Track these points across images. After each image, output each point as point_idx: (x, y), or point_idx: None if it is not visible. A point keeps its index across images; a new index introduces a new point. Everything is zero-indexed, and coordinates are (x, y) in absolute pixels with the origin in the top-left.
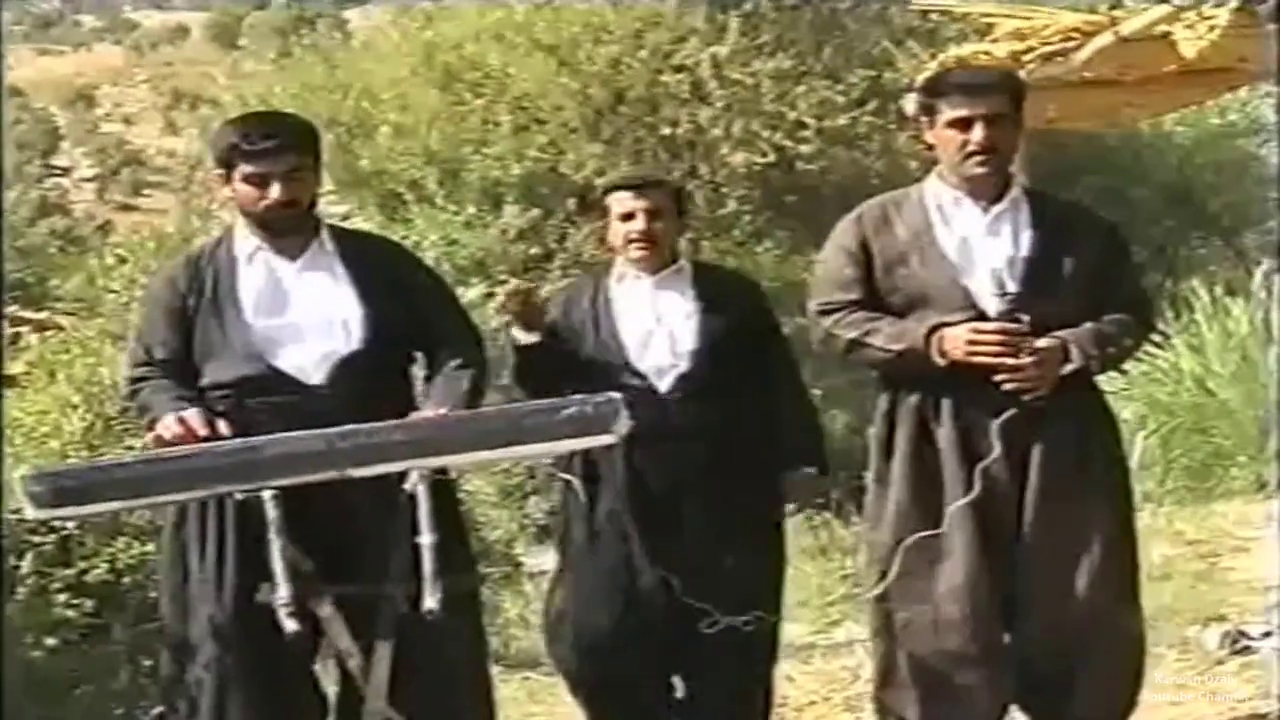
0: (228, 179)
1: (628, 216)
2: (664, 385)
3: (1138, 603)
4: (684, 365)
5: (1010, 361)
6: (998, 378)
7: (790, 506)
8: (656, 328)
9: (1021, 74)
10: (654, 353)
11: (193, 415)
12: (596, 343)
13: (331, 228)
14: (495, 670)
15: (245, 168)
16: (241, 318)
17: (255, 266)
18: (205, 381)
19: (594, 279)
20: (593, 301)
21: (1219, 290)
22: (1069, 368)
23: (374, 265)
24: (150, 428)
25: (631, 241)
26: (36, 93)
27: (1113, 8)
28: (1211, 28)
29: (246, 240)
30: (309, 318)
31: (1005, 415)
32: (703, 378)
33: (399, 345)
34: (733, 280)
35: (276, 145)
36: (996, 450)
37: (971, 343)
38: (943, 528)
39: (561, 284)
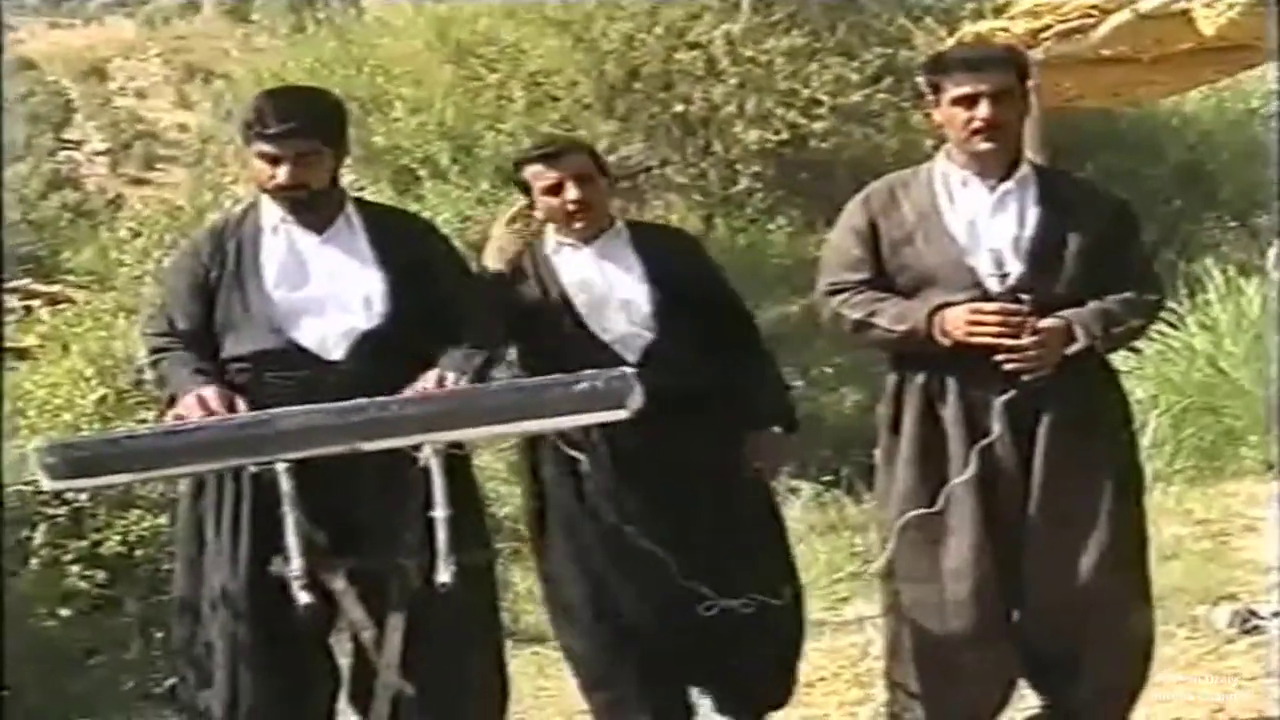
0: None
1: (554, 189)
2: (632, 356)
3: (1146, 580)
4: (648, 334)
5: (1009, 342)
6: (998, 358)
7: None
8: (609, 296)
9: (1038, 52)
10: (612, 323)
11: (212, 395)
12: (549, 313)
13: (358, 202)
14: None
15: (258, 146)
16: (263, 290)
17: (279, 239)
18: (225, 354)
19: (530, 252)
20: (538, 276)
21: (1232, 270)
22: (1073, 348)
23: (398, 241)
24: (170, 402)
25: (572, 214)
26: (49, 66)
27: None
28: (1231, 5)
29: (271, 212)
30: (330, 292)
31: (1006, 395)
32: (669, 343)
33: (420, 323)
34: (671, 236)
35: (289, 129)
36: (997, 430)
37: (971, 323)
38: (939, 506)
39: None
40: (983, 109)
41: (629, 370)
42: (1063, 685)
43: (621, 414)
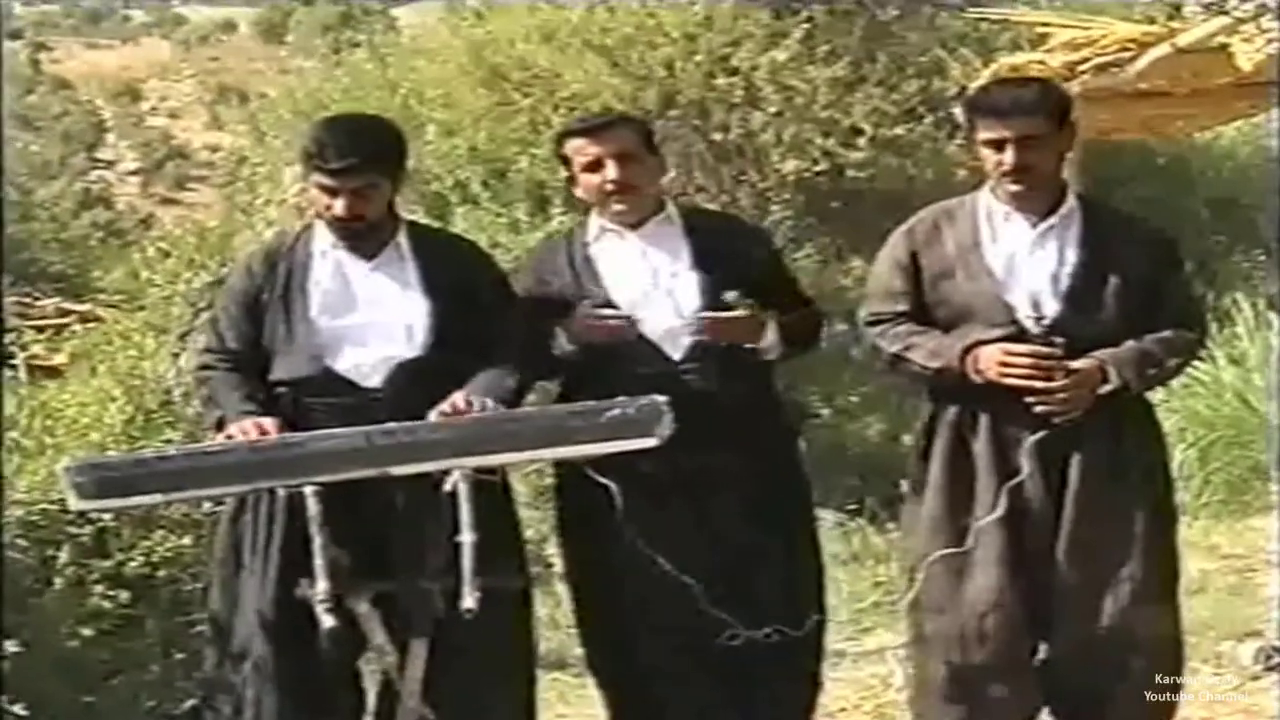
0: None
1: (594, 166)
2: (678, 354)
3: (1176, 617)
4: (694, 328)
5: (1040, 385)
6: (1028, 400)
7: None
8: (653, 288)
9: (1075, 85)
10: (656, 316)
11: (271, 425)
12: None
13: (411, 226)
14: None
15: (317, 177)
16: (308, 315)
17: (327, 264)
18: (271, 377)
19: (565, 240)
20: (571, 264)
21: (1262, 304)
22: (1106, 389)
23: (447, 269)
24: (218, 426)
25: (609, 194)
26: (84, 86)
27: (1170, 18)
28: (1270, 40)
29: (323, 237)
30: (373, 320)
31: (1036, 436)
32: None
33: (460, 351)
34: (732, 224)
35: (349, 164)
36: (1026, 470)
37: (1003, 364)
38: (968, 544)
39: None
40: (1009, 155)
41: (659, 399)
42: (1088, 718)
43: (651, 442)
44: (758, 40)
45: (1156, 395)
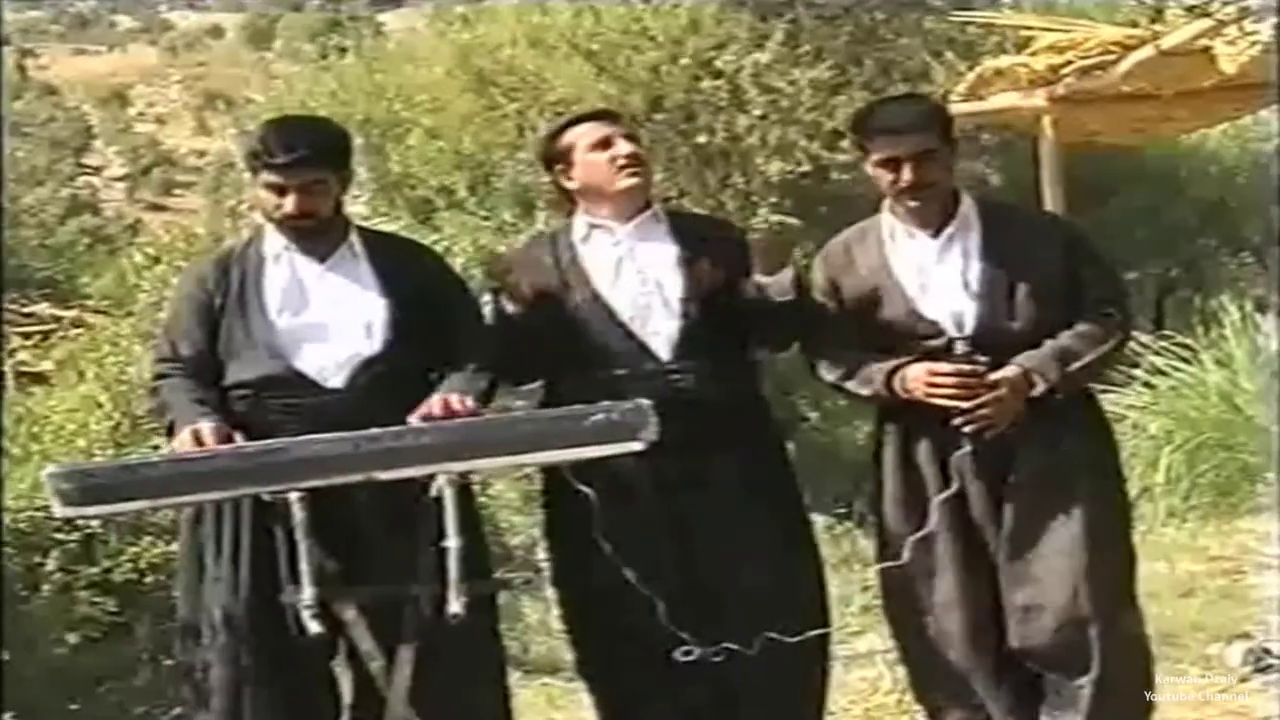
0: (255, 180)
1: (603, 144)
2: (665, 352)
3: (1136, 615)
4: (681, 324)
5: (964, 405)
6: (955, 421)
7: (818, 519)
8: (641, 287)
9: (1059, 88)
10: (644, 316)
11: (208, 432)
12: (577, 311)
13: (361, 230)
14: (515, 675)
15: (265, 175)
16: (265, 316)
17: (281, 266)
18: (227, 380)
19: (549, 240)
20: (558, 264)
21: (1249, 306)
22: (1035, 393)
23: (401, 269)
24: (169, 431)
25: (623, 168)
26: (71, 92)
27: (1153, 21)
28: (1253, 43)
29: (274, 240)
30: (332, 319)
31: (961, 451)
32: (704, 338)
33: (421, 350)
34: (712, 225)
35: (295, 159)
36: (955, 484)
37: (929, 384)
38: (904, 558)
39: None
40: (906, 172)
41: (645, 402)
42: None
43: (636, 446)
44: (742, 43)
45: (1143, 398)
